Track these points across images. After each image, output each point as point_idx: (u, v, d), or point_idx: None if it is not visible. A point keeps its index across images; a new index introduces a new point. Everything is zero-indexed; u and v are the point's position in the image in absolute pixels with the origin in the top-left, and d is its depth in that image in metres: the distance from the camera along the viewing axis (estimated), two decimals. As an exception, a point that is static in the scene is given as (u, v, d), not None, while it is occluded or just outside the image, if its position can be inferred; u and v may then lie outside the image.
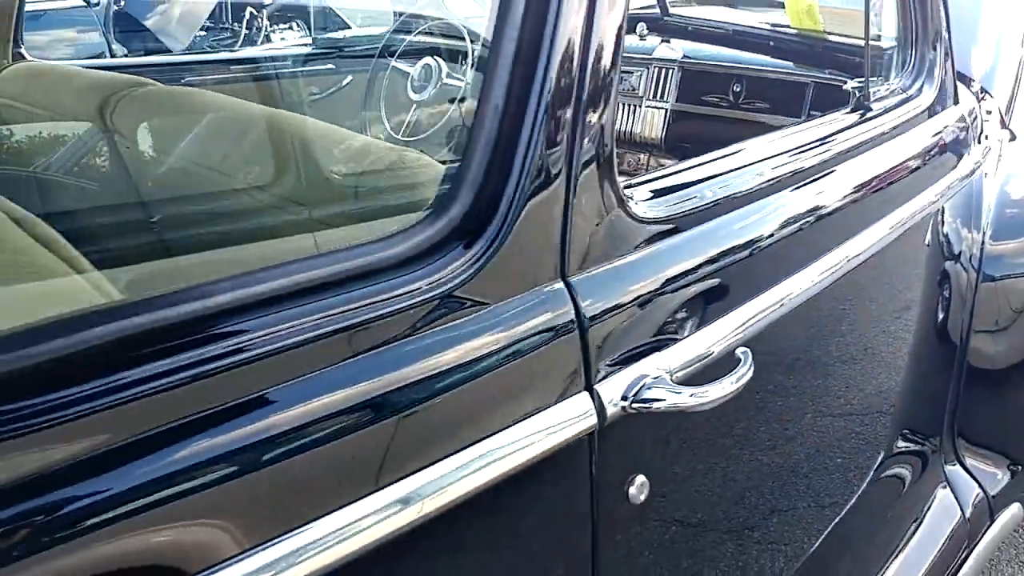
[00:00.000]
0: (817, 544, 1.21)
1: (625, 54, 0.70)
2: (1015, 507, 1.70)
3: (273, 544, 0.49)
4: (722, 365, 0.73)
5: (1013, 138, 1.73)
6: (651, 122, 1.81)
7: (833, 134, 1.05)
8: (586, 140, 0.64)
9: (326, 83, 1.21)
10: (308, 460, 0.51)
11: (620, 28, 0.66)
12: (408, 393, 0.56)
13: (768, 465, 0.97)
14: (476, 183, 0.60)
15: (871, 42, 1.30)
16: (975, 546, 1.57)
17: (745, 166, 0.83)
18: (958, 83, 1.46)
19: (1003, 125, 1.72)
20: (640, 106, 1.82)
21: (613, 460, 0.69)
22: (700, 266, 0.74)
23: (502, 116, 0.61)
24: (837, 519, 1.26)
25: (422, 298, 0.57)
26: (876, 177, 1.08)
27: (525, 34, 0.61)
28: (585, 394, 0.65)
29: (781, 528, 1.09)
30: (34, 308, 0.53)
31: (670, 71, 1.76)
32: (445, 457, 0.57)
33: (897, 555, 1.45)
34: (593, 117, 0.65)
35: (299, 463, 0.51)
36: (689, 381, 0.70)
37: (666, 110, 1.84)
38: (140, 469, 0.45)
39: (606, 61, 0.65)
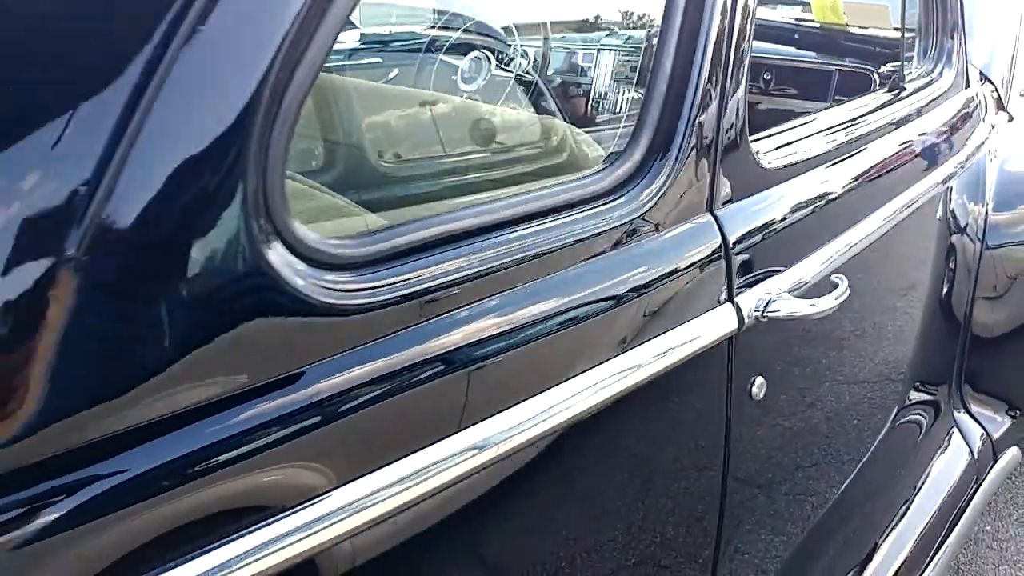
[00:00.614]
0: (856, 471, 1.39)
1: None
2: (1014, 450, 1.90)
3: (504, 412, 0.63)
4: (822, 287, 0.91)
5: (1011, 119, 1.94)
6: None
7: (879, 107, 1.24)
8: (728, 105, 0.82)
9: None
10: (550, 342, 0.67)
11: (751, 23, 0.83)
12: (607, 293, 0.72)
13: (836, 382, 1.15)
14: (651, 137, 0.77)
15: (894, 32, 1.49)
16: (982, 482, 1.76)
17: (827, 129, 1.02)
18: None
19: (1001, 107, 1.93)
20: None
21: (743, 362, 0.87)
22: (806, 206, 0.92)
23: (668, 86, 0.78)
24: (869, 452, 1.45)
25: (620, 222, 0.73)
26: (914, 143, 1.27)
27: (686, 24, 0.78)
28: (729, 304, 0.82)
29: (840, 443, 1.27)
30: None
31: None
32: (632, 348, 0.74)
33: (919, 488, 1.65)
34: (733, 88, 0.82)
35: (541, 346, 0.67)
36: (802, 298, 0.88)
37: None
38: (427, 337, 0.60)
39: (744, 47, 0.82)
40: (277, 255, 0.50)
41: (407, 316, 0.57)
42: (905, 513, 1.59)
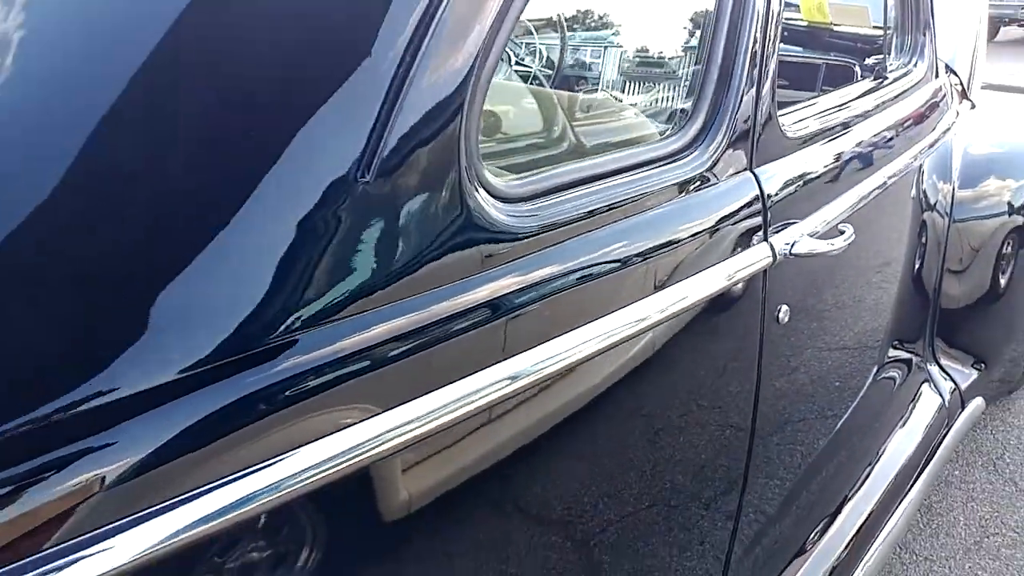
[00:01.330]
0: (845, 417, 1.62)
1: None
2: (979, 400, 2.17)
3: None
4: (830, 235, 1.14)
5: (973, 107, 2.21)
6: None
7: (867, 92, 1.48)
8: (764, 88, 1.04)
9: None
10: (639, 264, 0.89)
11: (779, 26, 1.06)
12: (680, 228, 0.94)
13: (837, 321, 1.39)
14: (708, 111, 0.99)
15: (873, 29, 1.74)
16: (952, 426, 2.02)
17: (836, 107, 1.25)
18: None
19: (965, 97, 2.19)
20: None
21: (773, 291, 1.09)
22: (821, 169, 1.15)
23: (721, 72, 1.00)
24: (855, 402, 1.68)
25: (685, 177, 0.95)
26: (896, 123, 1.52)
27: (732, 26, 1.00)
28: (765, 243, 1.05)
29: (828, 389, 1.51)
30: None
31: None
32: (695, 273, 0.96)
33: (896, 431, 1.89)
34: (767, 75, 1.05)
35: (636, 266, 0.88)
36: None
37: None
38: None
39: (775, 44, 1.05)
40: (480, 195, 0.71)
41: (556, 237, 0.79)
42: (884, 451, 1.84)
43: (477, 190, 0.71)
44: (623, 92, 1.29)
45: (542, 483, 0.84)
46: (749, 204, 1.02)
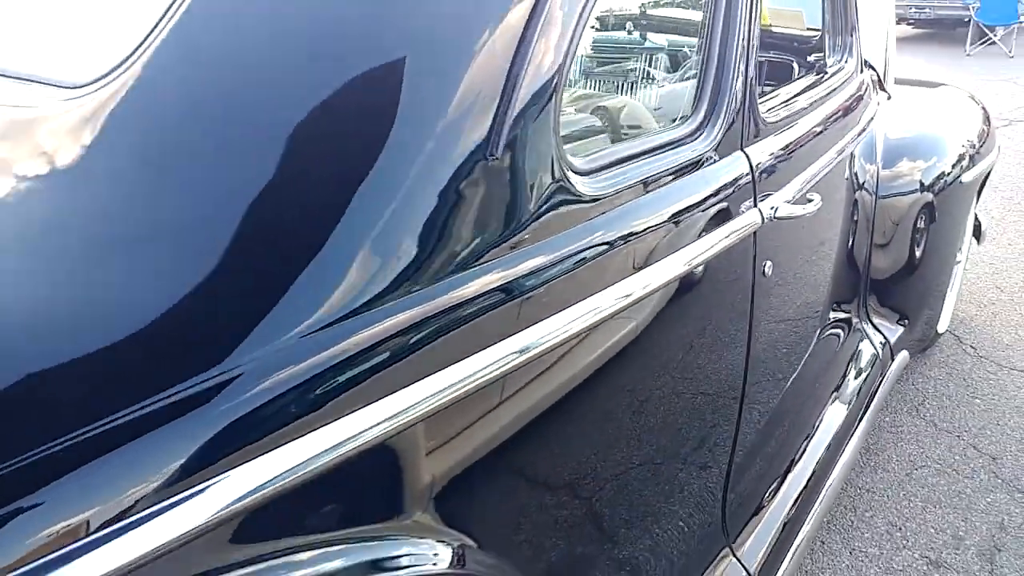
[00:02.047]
0: (805, 359, 1.91)
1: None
2: (904, 353, 2.50)
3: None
4: (801, 201, 1.41)
5: (889, 97, 2.54)
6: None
7: (812, 86, 1.76)
8: (750, 82, 1.29)
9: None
10: (664, 225, 1.12)
11: (759, 23, 1.31)
12: (693, 197, 1.18)
13: (800, 280, 1.67)
14: (710, 101, 1.24)
15: (807, 31, 2.03)
16: (885, 376, 2.34)
17: (793, 96, 1.52)
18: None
19: (882, 88, 2.52)
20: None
21: (761, 249, 1.35)
22: (790, 148, 1.42)
23: (717, 66, 1.25)
24: (807, 355, 1.97)
25: (696, 155, 1.19)
26: (839, 108, 1.81)
27: (725, 30, 1.25)
28: (755, 208, 1.30)
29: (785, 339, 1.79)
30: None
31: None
32: (705, 235, 1.20)
33: (844, 380, 2.19)
34: (750, 71, 1.30)
35: (665, 226, 1.12)
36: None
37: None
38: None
39: (756, 45, 1.31)
40: (565, 168, 0.93)
41: (615, 202, 1.01)
42: (835, 397, 2.13)
43: (564, 164, 0.93)
44: (650, 84, 1.54)
45: (609, 397, 1.07)
46: (743, 176, 1.27)
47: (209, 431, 0.64)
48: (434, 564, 0.80)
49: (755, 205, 1.30)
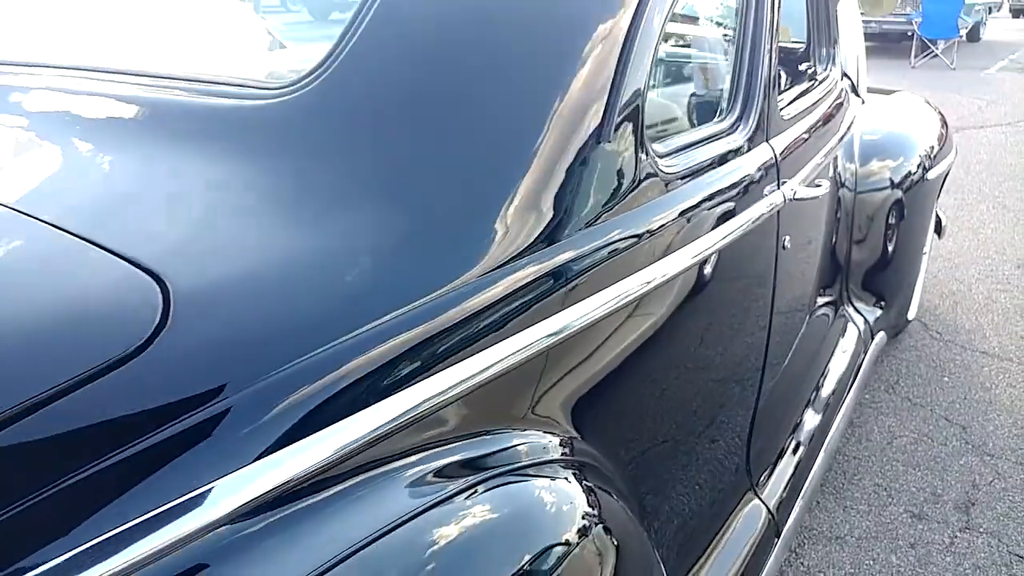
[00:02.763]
0: (803, 331, 2.16)
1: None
2: (882, 333, 2.79)
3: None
4: (812, 185, 1.66)
5: (863, 102, 2.83)
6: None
7: (807, 91, 2.03)
8: (773, 85, 1.54)
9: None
10: (707, 205, 1.36)
11: (778, 33, 1.57)
12: (732, 182, 1.42)
13: (806, 254, 1.92)
14: (744, 100, 1.48)
15: (793, 44, 2.31)
16: (867, 352, 2.62)
17: (797, 97, 1.78)
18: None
19: (856, 93, 2.82)
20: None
21: (782, 226, 1.59)
22: (800, 141, 1.67)
23: (747, 72, 1.49)
24: (808, 321, 2.23)
25: (729, 147, 1.43)
26: (829, 110, 2.08)
27: (755, 42, 1.50)
28: (779, 190, 1.54)
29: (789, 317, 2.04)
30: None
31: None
32: (741, 211, 1.43)
33: (835, 353, 2.46)
34: (772, 76, 1.55)
35: (711, 205, 1.35)
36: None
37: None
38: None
39: (776, 48, 1.56)
40: (650, 151, 1.16)
41: (680, 182, 1.25)
42: (828, 371, 2.39)
43: (650, 148, 1.16)
44: (703, 85, 1.78)
45: (680, 339, 1.31)
46: (769, 163, 1.52)
47: (430, 343, 0.86)
48: (548, 451, 1.02)
49: (779, 187, 1.54)
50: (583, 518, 0.93)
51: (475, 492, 0.87)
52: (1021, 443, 2.62)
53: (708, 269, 1.34)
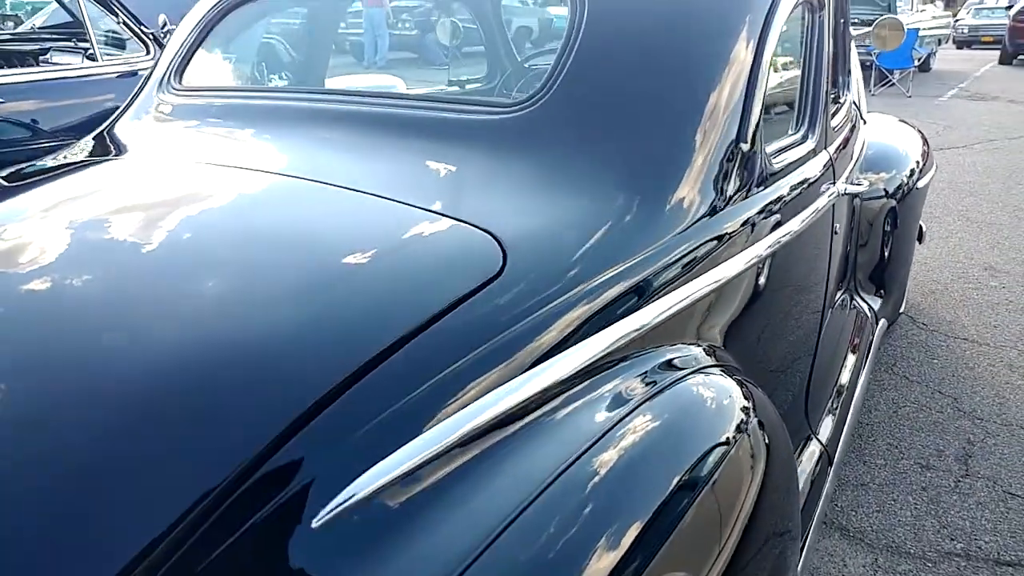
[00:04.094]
0: (832, 312, 2.61)
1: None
2: (883, 321, 3.26)
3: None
4: (855, 183, 2.12)
5: (865, 122, 3.33)
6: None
7: (836, 111, 2.49)
8: (829, 103, 1.99)
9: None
10: (784, 198, 1.80)
11: (830, 62, 2.03)
12: (803, 179, 1.86)
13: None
14: (809, 116, 1.93)
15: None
16: (875, 334, 3.08)
17: (833, 114, 2.25)
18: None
19: (861, 115, 3.31)
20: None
21: (834, 215, 2.04)
22: (841, 148, 2.13)
23: (812, 92, 1.95)
24: (836, 306, 2.68)
25: (803, 152, 1.88)
26: (852, 127, 2.55)
27: (818, 68, 1.95)
28: (835, 187, 1.99)
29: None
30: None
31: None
32: (810, 204, 1.88)
33: (854, 341, 2.91)
34: (827, 95, 2.00)
35: (790, 199, 1.79)
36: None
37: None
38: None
39: (829, 73, 2.01)
40: (765, 151, 1.60)
41: (778, 176, 1.68)
42: (849, 352, 2.85)
43: (764, 148, 1.60)
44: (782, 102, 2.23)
45: (781, 297, 1.73)
46: (827, 165, 1.97)
47: (654, 274, 1.28)
48: (698, 360, 1.43)
49: (834, 184, 1.99)
50: (745, 398, 1.35)
51: (664, 391, 1.27)
52: (1003, 409, 3.10)
53: (799, 240, 1.78)
